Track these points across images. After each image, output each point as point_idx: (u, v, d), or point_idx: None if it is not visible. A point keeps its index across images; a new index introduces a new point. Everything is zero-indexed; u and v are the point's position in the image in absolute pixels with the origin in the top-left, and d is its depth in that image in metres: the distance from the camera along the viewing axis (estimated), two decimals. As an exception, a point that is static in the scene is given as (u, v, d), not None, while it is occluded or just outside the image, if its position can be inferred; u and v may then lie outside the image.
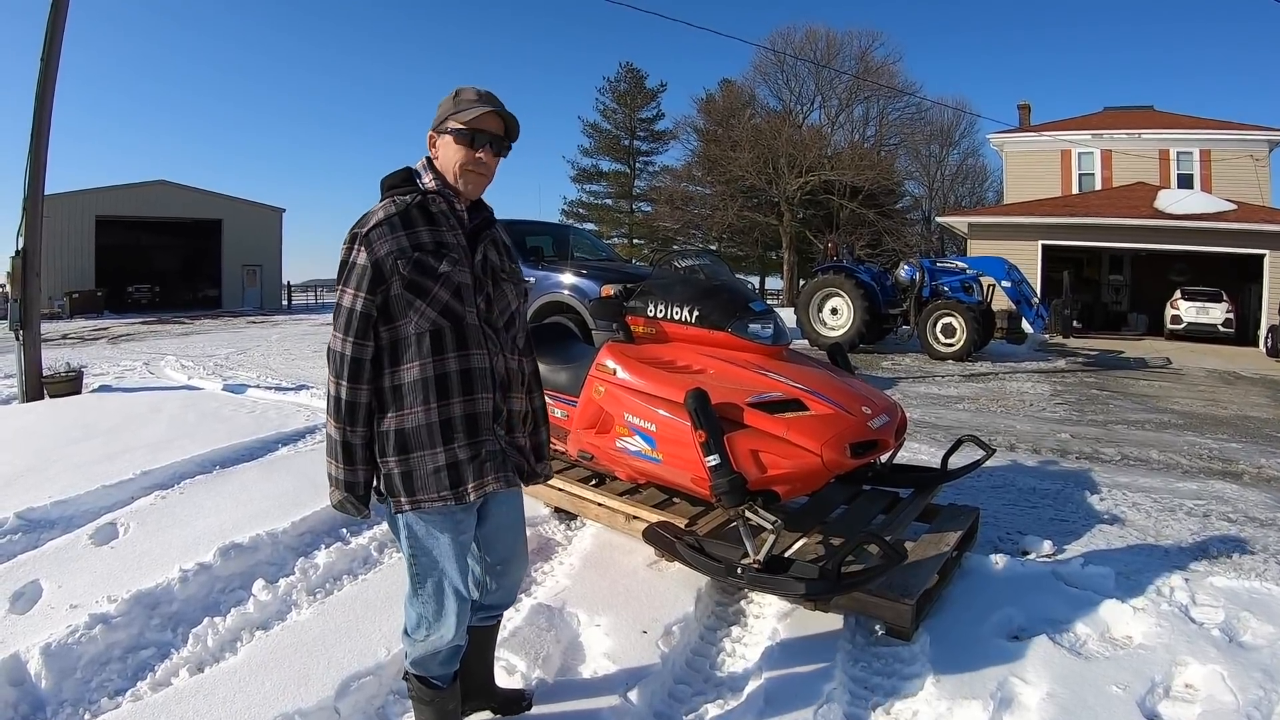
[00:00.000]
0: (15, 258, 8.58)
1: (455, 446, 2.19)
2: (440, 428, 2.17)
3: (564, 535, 4.45)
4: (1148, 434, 8.00)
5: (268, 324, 24.66)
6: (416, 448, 2.16)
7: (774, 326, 4.10)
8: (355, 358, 2.15)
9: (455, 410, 2.19)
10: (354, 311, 2.14)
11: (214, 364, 12.76)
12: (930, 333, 14.72)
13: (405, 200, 2.23)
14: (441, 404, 2.17)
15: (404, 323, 2.16)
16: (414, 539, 2.24)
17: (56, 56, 8.61)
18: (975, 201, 45.27)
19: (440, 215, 2.26)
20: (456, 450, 2.19)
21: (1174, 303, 22.66)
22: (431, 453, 2.17)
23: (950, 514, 4.17)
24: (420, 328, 2.16)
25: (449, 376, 2.18)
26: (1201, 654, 3.04)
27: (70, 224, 30.42)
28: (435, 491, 2.17)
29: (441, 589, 2.27)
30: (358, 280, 2.13)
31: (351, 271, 2.14)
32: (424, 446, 2.16)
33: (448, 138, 2.25)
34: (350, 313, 2.14)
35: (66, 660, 2.96)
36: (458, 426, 2.19)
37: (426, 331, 2.17)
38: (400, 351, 2.17)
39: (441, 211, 2.26)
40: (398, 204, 2.21)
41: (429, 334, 2.17)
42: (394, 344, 2.18)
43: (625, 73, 49.86)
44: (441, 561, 2.25)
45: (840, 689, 2.90)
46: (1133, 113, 29.51)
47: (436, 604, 2.27)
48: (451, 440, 2.19)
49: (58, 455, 5.59)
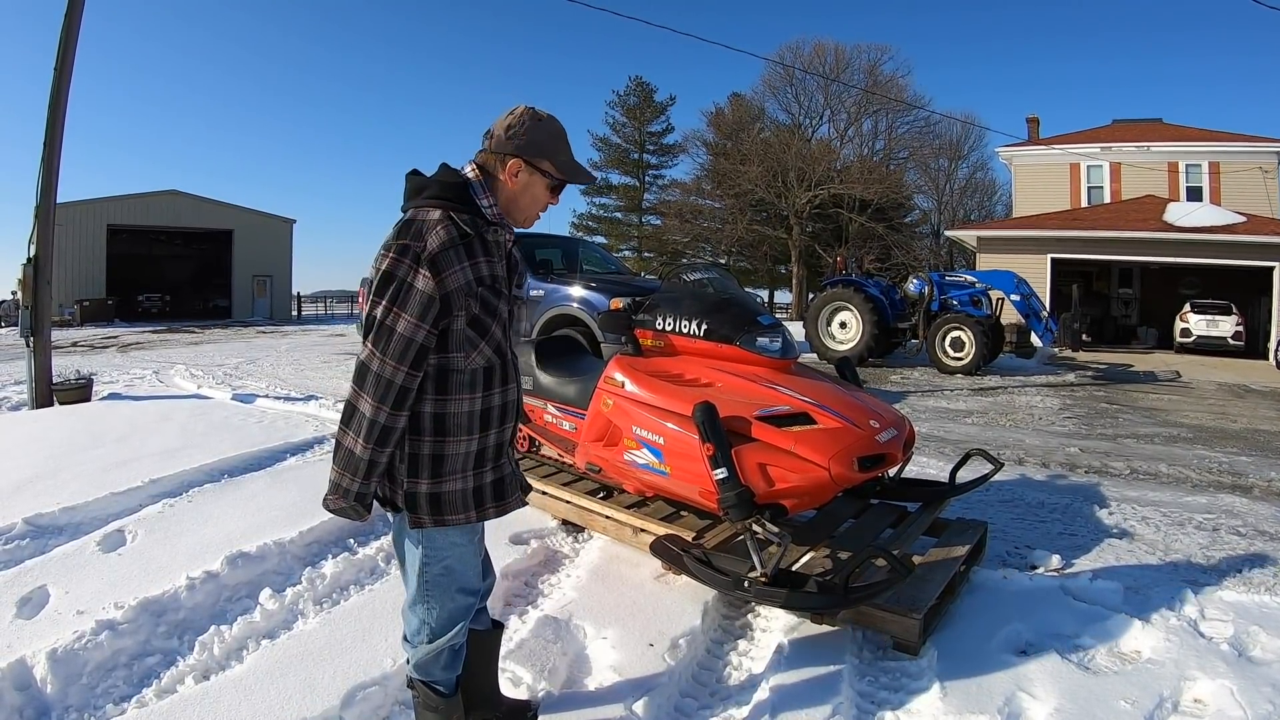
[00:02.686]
0: (26, 265, 8.64)
1: (485, 470, 2.23)
2: (476, 455, 2.20)
3: (571, 548, 4.44)
4: (1157, 448, 7.96)
5: (277, 334, 24.74)
6: (450, 472, 2.17)
7: (782, 340, 4.11)
8: (405, 387, 2.03)
9: (490, 440, 2.23)
10: (413, 342, 2.02)
11: (223, 373, 12.81)
12: (939, 346, 14.68)
13: (465, 224, 2.09)
14: (483, 434, 2.20)
15: (458, 356, 2.12)
16: (432, 548, 2.24)
17: (70, 66, 8.70)
18: (984, 215, 45.26)
19: (495, 245, 2.19)
20: (485, 474, 2.23)
21: (1183, 316, 22.54)
22: (463, 476, 2.18)
23: (958, 528, 4.15)
24: (475, 364, 2.15)
25: (493, 410, 2.21)
26: (1210, 669, 3.02)
27: (82, 232, 30.59)
28: (461, 512, 2.19)
29: (453, 592, 2.28)
30: (421, 309, 2.01)
31: (410, 295, 2.01)
32: (457, 471, 2.18)
33: (538, 176, 2.21)
34: (409, 343, 2.01)
35: (72, 666, 2.97)
36: (489, 454, 2.24)
37: (481, 368, 2.17)
38: (449, 382, 2.13)
39: (497, 241, 2.20)
40: (459, 226, 2.08)
41: (482, 370, 2.17)
42: (443, 373, 2.12)
43: (634, 86, 50.06)
44: (458, 566, 2.27)
45: (847, 703, 2.88)
46: (1141, 125, 29.47)
47: (445, 609, 2.28)
48: (483, 465, 2.22)
49: (67, 462, 5.61)
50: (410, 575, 2.29)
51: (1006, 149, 29.91)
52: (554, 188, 2.24)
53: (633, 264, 41.85)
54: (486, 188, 2.19)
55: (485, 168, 2.22)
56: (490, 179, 2.21)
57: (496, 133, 2.21)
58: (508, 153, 2.19)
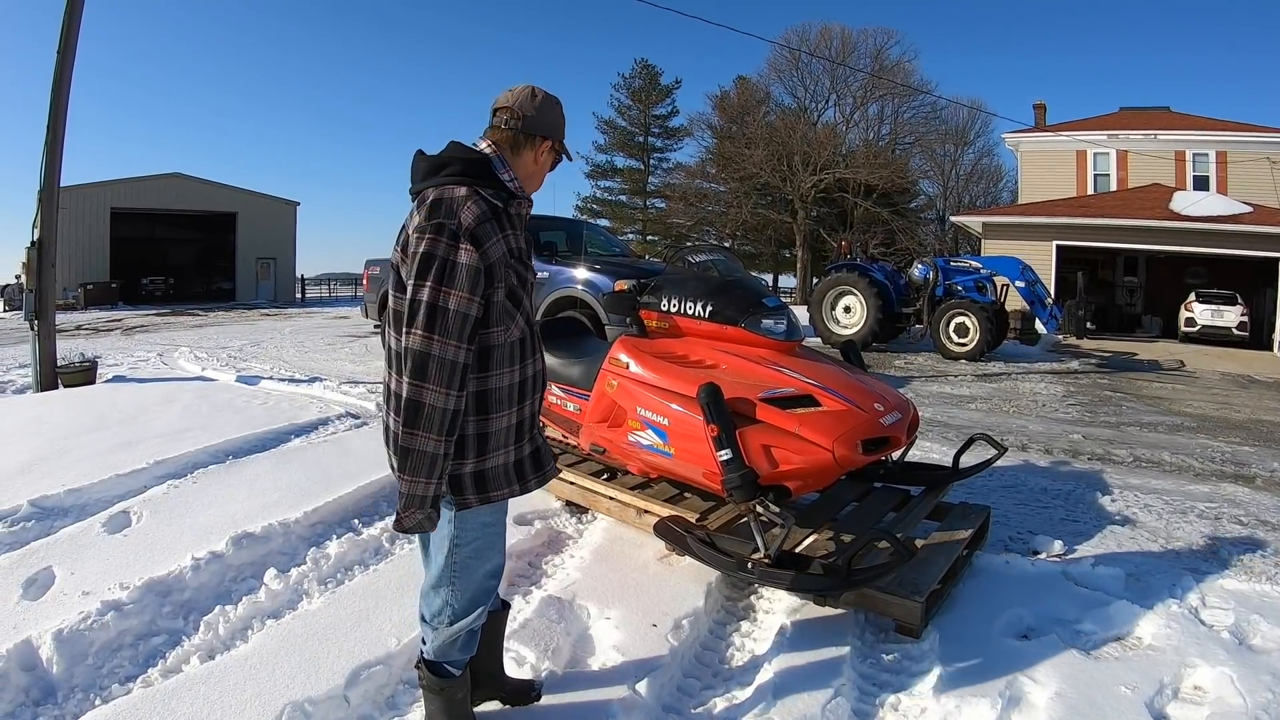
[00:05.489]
0: (30, 249, 8.63)
1: (524, 443, 2.28)
2: (515, 429, 2.24)
3: (575, 529, 4.46)
4: (1160, 436, 7.96)
5: (281, 317, 24.73)
6: (494, 448, 2.20)
7: (787, 322, 4.10)
8: (466, 364, 2.04)
9: (526, 411, 2.27)
10: (469, 318, 2.02)
11: (228, 355, 12.82)
12: (943, 332, 14.66)
13: (492, 198, 2.14)
14: (520, 406, 2.24)
15: (499, 330, 2.15)
16: (464, 529, 2.24)
17: (73, 48, 8.66)
18: (990, 201, 45.02)
19: (518, 219, 2.25)
20: (524, 446, 2.28)
21: (1188, 305, 22.45)
22: (505, 450, 2.23)
23: (961, 512, 4.16)
24: (513, 336, 2.19)
25: (527, 381, 2.26)
26: (1211, 656, 3.03)
27: (85, 216, 30.49)
28: (505, 487, 2.23)
29: (479, 575, 2.31)
30: (469, 282, 2.02)
31: (455, 270, 2.01)
32: (501, 446, 2.22)
33: (547, 147, 2.27)
34: (464, 318, 2.01)
35: (78, 646, 2.98)
36: (526, 426, 2.28)
37: (517, 339, 2.20)
38: (491, 357, 2.16)
39: (519, 215, 2.26)
40: (488, 200, 2.12)
41: (518, 341, 2.21)
42: (483, 350, 2.14)
43: (640, 69, 49.73)
44: (488, 546, 2.30)
45: (849, 685, 2.90)
46: (1149, 113, 29.31)
47: (470, 590, 2.30)
48: (522, 438, 2.27)
49: (71, 444, 5.62)
50: (436, 557, 2.30)
51: (1013, 135, 29.78)
52: (557, 151, 2.33)
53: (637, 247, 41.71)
54: (506, 166, 2.23)
55: (503, 144, 2.26)
56: (508, 154, 2.25)
57: (526, 113, 2.26)
58: (540, 133, 2.26)
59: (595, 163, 50.88)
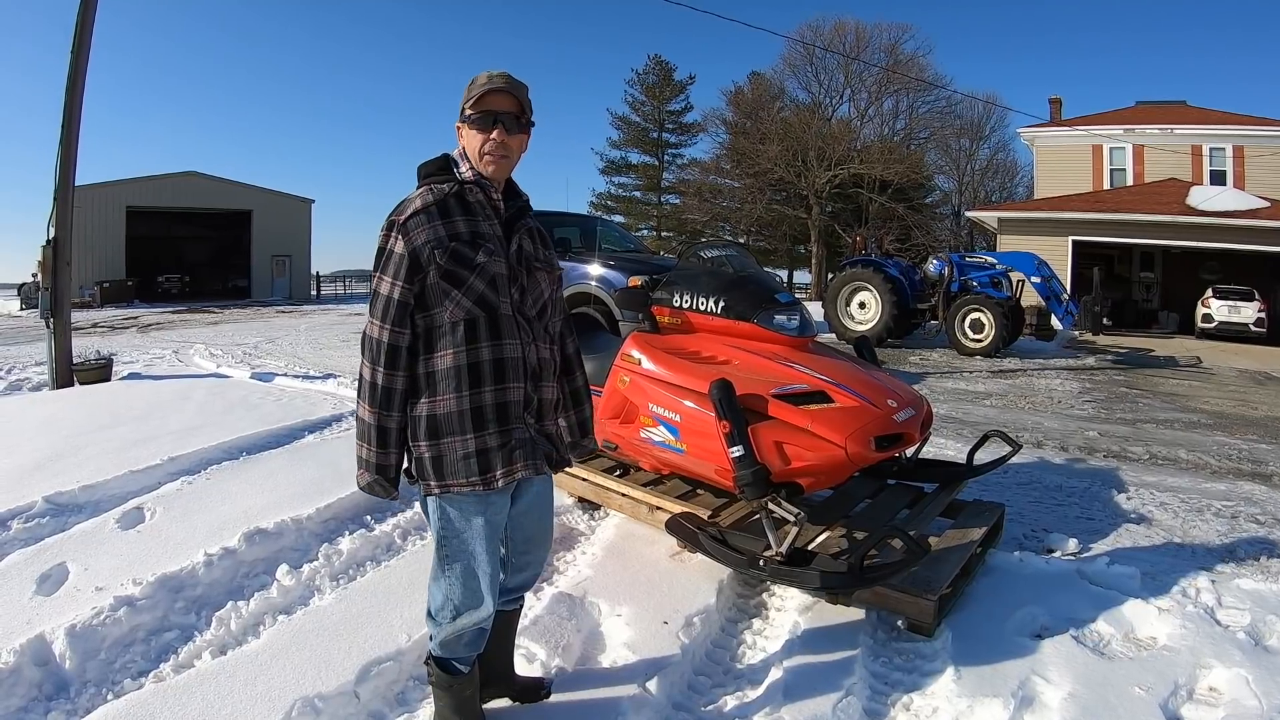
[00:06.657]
0: (46, 247, 8.69)
1: (486, 434, 2.21)
2: (471, 415, 2.20)
3: (587, 525, 4.45)
4: (1176, 433, 7.90)
5: (296, 314, 24.85)
6: (447, 433, 2.19)
7: (800, 318, 4.08)
8: (392, 345, 2.18)
9: (486, 399, 2.21)
10: (391, 300, 2.17)
11: (242, 352, 12.88)
12: (958, 328, 14.60)
13: (443, 189, 2.25)
14: (473, 392, 2.20)
15: (439, 311, 2.19)
16: (446, 521, 2.26)
17: (87, 45, 8.73)
18: (1005, 196, 44.83)
19: (477, 205, 2.28)
20: (487, 438, 2.21)
21: (1205, 301, 22.21)
22: (462, 439, 2.19)
23: (975, 510, 4.13)
24: (455, 317, 2.19)
25: (481, 365, 2.21)
26: (1226, 657, 2.99)
27: (101, 214, 30.64)
28: (464, 477, 2.20)
29: (472, 571, 2.28)
30: (395, 269, 2.17)
31: (389, 260, 2.18)
32: (454, 433, 2.19)
33: (466, 124, 2.28)
34: (388, 301, 2.17)
35: (91, 641, 3.00)
36: (489, 415, 2.22)
37: (461, 321, 2.20)
38: (435, 339, 2.20)
39: (478, 201, 2.29)
40: (435, 193, 2.24)
41: (463, 323, 2.20)
42: (429, 331, 2.20)
43: (654, 65, 49.67)
44: (473, 544, 2.27)
45: (860, 684, 2.88)
46: (1165, 108, 29.02)
47: (465, 586, 2.29)
48: (483, 428, 2.21)
49: (86, 441, 5.66)
50: (435, 549, 2.33)
51: (1028, 130, 29.58)
52: (480, 125, 2.25)
53: (651, 243, 41.68)
54: (464, 158, 2.32)
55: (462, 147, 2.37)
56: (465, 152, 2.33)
57: None
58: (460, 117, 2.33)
59: (609, 159, 51.01)
